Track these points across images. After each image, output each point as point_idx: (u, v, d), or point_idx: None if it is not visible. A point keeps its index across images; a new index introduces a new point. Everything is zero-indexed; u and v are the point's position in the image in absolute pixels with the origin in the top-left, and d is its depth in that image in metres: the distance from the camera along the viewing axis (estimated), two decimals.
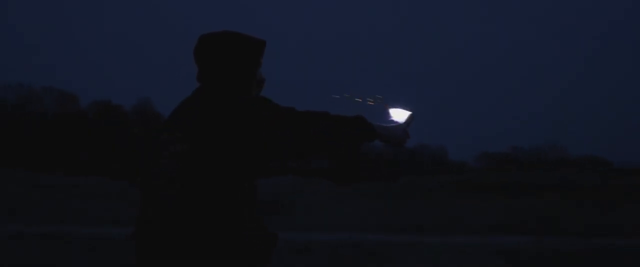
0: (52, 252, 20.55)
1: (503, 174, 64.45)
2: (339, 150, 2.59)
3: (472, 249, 30.29)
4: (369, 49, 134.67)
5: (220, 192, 2.42)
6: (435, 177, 65.52)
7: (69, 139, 70.97)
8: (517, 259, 24.66)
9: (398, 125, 2.74)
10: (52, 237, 26.17)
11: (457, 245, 33.13)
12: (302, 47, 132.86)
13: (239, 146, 2.43)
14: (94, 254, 20.18)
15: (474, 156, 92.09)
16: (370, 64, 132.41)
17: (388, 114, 2.88)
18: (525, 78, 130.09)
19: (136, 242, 2.49)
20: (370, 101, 2.87)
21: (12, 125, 70.84)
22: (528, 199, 53.82)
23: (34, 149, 68.57)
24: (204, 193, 2.40)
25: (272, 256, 2.60)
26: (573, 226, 43.84)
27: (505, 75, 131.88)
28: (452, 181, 62.98)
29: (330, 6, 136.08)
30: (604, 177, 59.09)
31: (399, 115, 2.86)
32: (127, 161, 70.03)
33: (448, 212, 49.72)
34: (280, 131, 2.46)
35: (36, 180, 51.22)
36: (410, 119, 2.83)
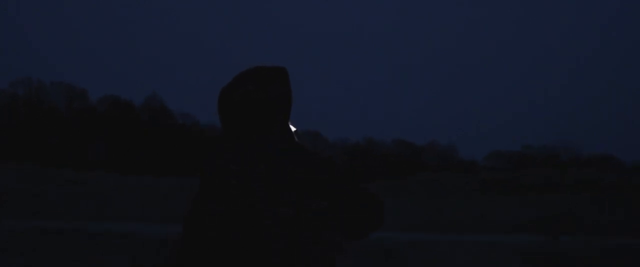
0: (60, 248, 20.34)
1: (516, 173, 64.01)
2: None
3: (487, 247, 29.96)
4: (366, 46, 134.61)
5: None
6: (445, 175, 65.13)
7: (80, 133, 70.83)
8: (532, 258, 24.35)
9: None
10: (60, 233, 25.96)
11: (471, 243, 32.81)
12: (300, 45, 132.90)
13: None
14: (104, 250, 19.96)
15: (484, 154, 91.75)
16: (367, 62, 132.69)
17: None
18: (540, 79, 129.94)
19: None
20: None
21: (21, 119, 70.72)
22: (541, 197, 53.44)
23: (45, 144, 68.44)
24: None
25: None
26: (589, 225, 43.46)
27: (516, 74, 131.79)
28: (463, 179, 62.59)
29: (331, 5, 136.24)
30: (619, 176, 58.66)
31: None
32: (140, 157, 69.90)
33: (461, 211, 49.37)
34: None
35: (46, 175, 51.12)
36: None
